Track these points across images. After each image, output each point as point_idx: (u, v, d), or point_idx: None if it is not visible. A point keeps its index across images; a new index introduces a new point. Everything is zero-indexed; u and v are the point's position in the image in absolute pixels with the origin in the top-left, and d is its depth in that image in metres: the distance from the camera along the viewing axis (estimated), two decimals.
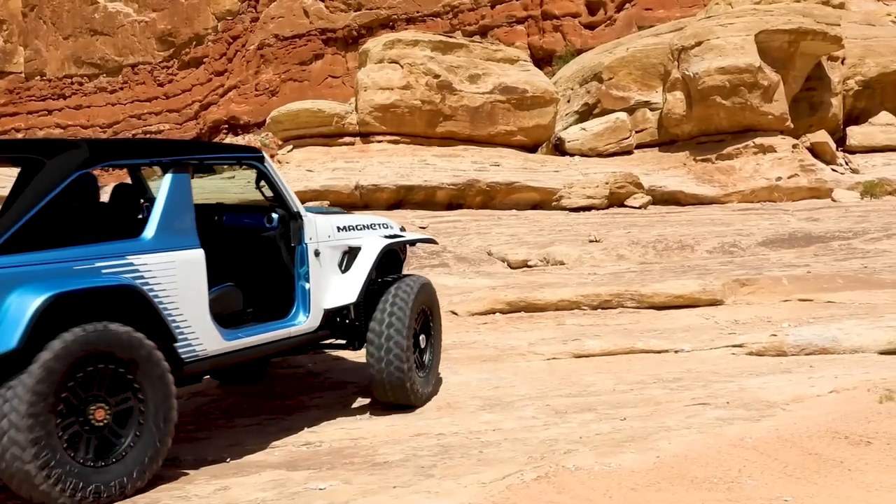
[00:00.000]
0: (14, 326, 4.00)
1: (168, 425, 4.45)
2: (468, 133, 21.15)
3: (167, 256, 4.67)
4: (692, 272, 9.20)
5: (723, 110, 19.53)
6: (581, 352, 6.19)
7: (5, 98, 49.24)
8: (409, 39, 21.10)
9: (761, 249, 10.77)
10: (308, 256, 5.46)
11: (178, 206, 4.82)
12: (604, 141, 21.05)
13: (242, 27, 45.77)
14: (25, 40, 49.43)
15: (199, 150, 5.22)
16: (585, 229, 13.85)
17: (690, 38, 19.89)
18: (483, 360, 6.18)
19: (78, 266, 4.29)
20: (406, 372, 5.57)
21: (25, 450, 4.00)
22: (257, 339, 5.11)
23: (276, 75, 43.94)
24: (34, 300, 4.04)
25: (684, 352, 6.12)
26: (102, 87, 47.99)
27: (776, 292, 7.31)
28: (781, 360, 5.94)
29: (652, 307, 7.23)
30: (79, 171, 4.55)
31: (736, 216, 14.70)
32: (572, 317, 7.13)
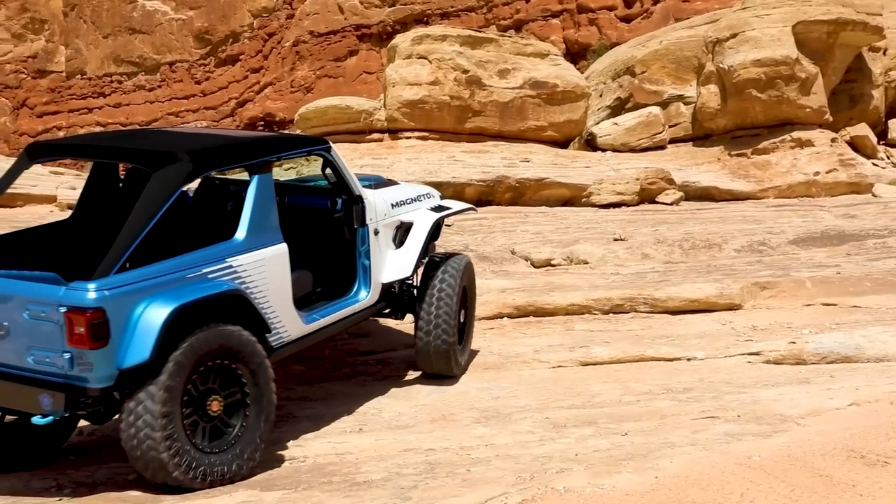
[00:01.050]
0: (146, 340, 4.37)
1: (269, 414, 4.85)
2: (497, 129, 20.85)
3: (258, 255, 5.03)
4: (717, 272, 8.85)
5: (759, 104, 19.01)
6: (588, 359, 5.92)
7: (47, 97, 49.84)
8: (438, 34, 20.84)
9: (791, 248, 10.36)
10: (369, 236, 5.85)
11: (265, 205, 5.14)
12: (636, 136, 20.63)
13: (278, 24, 45.85)
14: (66, 40, 49.98)
15: (279, 149, 5.55)
16: (613, 227, 13.51)
17: (725, 30, 19.40)
18: (485, 368, 5.94)
19: (189, 274, 4.67)
20: (451, 345, 6.05)
21: (159, 440, 4.38)
22: (329, 319, 5.55)
23: (311, 72, 43.97)
24: (161, 314, 4.40)
25: (697, 360, 5.82)
26: (141, 85, 48.36)
27: (798, 296, 6.95)
28: (800, 369, 5.61)
29: (666, 312, 6.92)
30: (184, 184, 4.88)
31: (769, 213, 14.26)
32: (582, 322, 6.84)
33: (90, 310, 4.28)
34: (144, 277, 4.52)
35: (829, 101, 19.38)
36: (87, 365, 4.35)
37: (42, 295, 4.41)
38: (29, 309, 4.42)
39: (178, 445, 4.46)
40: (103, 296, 4.32)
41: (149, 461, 4.44)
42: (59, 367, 4.38)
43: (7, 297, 4.50)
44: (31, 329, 4.43)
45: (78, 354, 4.33)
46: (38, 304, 4.39)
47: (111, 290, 4.36)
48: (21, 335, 4.47)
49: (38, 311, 4.39)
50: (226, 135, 6.79)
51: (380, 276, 5.94)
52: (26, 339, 4.46)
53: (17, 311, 4.44)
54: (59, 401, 4.40)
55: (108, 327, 4.33)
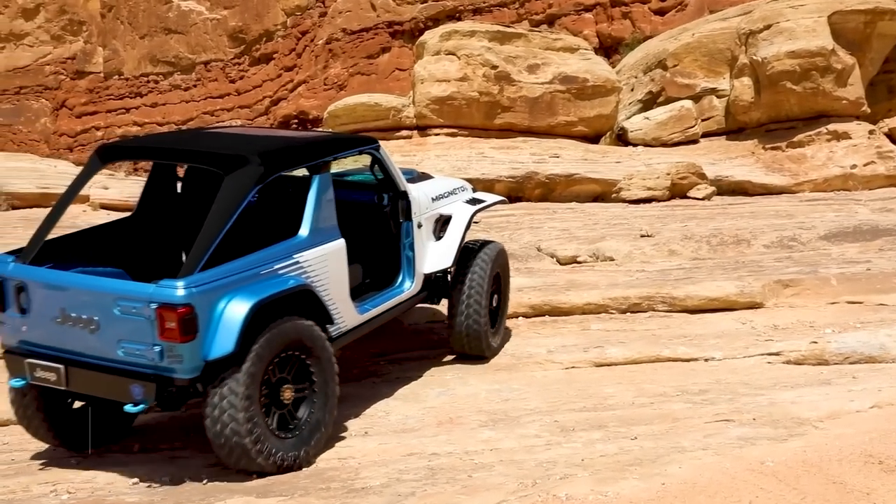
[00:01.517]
0: (230, 334, 4.70)
1: (332, 404, 5.14)
2: (527, 124, 20.66)
3: (321, 250, 5.38)
4: (743, 269, 8.64)
5: (793, 96, 18.65)
6: (603, 360, 5.78)
7: (86, 97, 50.39)
8: (466, 30, 20.71)
9: (822, 244, 10.10)
10: (413, 229, 6.22)
11: (324, 204, 5.47)
12: (668, 130, 20.35)
13: (311, 22, 45.94)
14: (104, 41, 50.50)
15: (336, 149, 5.89)
16: (641, 223, 13.32)
17: (759, 22, 19.06)
18: (497, 369, 5.84)
19: (263, 270, 5.02)
20: (482, 326, 6.44)
21: (243, 426, 4.68)
22: (379, 309, 5.92)
23: (343, 69, 44.01)
24: (242, 309, 4.73)
25: (715, 360, 5.65)
26: (177, 84, 48.72)
27: (823, 294, 6.72)
28: (822, 369, 5.41)
29: (685, 311, 6.73)
30: (256, 186, 5.18)
31: (803, 207, 13.97)
32: (598, 321, 6.68)
33: (180, 306, 4.62)
34: (225, 275, 4.85)
35: (867, 93, 18.95)
36: (177, 357, 4.69)
37: (133, 292, 4.81)
38: (120, 305, 4.79)
39: (258, 430, 4.75)
40: (191, 293, 4.65)
41: (232, 446, 4.72)
42: (150, 359, 4.74)
43: (99, 294, 4.88)
44: (122, 324, 4.79)
45: (168, 347, 4.68)
46: (130, 300, 4.76)
47: (198, 287, 4.70)
48: (111, 329, 4.82)
49: (130, 307, 4.76)
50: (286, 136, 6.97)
51: (422, 267, 6.31)
52: (117, 333, 4.81)
53: (108, 307, 4.79)
54: (150, 391, 4.77)
55: (196, 322, 4.67)
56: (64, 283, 5.09)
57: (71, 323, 4.93)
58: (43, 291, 5.07)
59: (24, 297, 5.10)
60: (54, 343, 5.03)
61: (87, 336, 4.89)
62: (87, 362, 4.94)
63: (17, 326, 5.15)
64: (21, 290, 5.10)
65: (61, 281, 5.12)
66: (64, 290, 5.03)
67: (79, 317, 4.91)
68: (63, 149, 48.78)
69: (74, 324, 4.92)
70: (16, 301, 5.11)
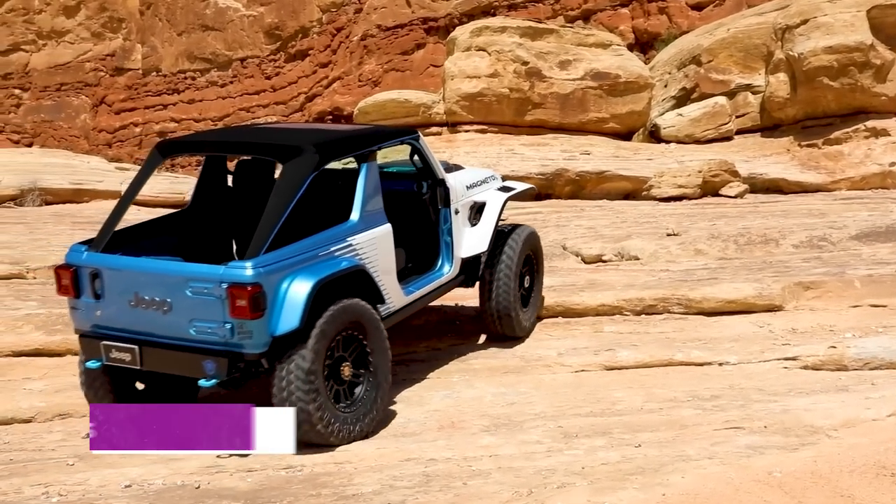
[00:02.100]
0: (295, 310, 4.98)
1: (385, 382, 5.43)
2: (558, 121, 20.46)
3: (371, 234, 5.67)
4: (769, 270, 8.41)
5: (830, 92, 18.26)
6: (613, 364, 5.59)
7: (124, 94, 50.93)
8: (497, 26, 20.55)
9: (853, 244, 9.82)
10: (451, 216, 6.48)
11: (372, 190, 5.76)
12: (701, 127, 20.04)
13: (346, 18, 46.02)
14: (143, 38, 51.00)
15: (381, 139, 6.20)
16: (670, 221, 13.08)
17: (795, 17, 18.67)
18: (505, 371, 5.67)
19: (321, 252, 5.30)
20: (512, 307, 6.67)
21: (308, 398, 4.97)
22: (422, 291, 6.18)
23: (378, 66, 44.03)
24: (305, 287, 5.02)
25: (729, 365, 5.44)
26: (214, 81, 49.09)
27: (845, 297, 6.46)
28: (840, 375, 5.19)
29: (701, 313, 6.50)
30: (312, 174, 5.44)
31: (837, 205, 13.64)
32: (612, 324, 6.48)
33: (250, 285, 4.90)
34: (287, 256, 5.14)
35: None
36: (247, 333, 4.96)
37: (205, 274, 5.07)
38: (192, 287, 5.06)
39: (322, 402, 5.02)
40: (259, 272, 4.93)
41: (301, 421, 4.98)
42: (221, 336, 5.00)
43: (172, 277, 5.18)
44: (194, 304, 5.06)
45: (238, 324, 4.95)
46: (201, 282, 5.02)
47: (265, 267, 4.98)
48: (184, 310, 5.09)
49: (201, 288, 5.02)
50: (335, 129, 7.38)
51: (460, 252, 6.57)
52: (189, 313, 5.08)
53: (181, 289, 5.07)
54: (223, 366, 5.03)
55: (264, 300, 4.95)
56: (138, 268, 5.38)
57: (144, 305, 5.22)
58: (117, 277, 5.34)
59: (99, 284, 5.36)
60: (128, 325, 5.31)
61: (159, 317, 5.18)
62: (160, 342, 5.23)
63: (92, 311, 5.41)
64: (95, 276, 5.37)
65: (136, 266, 5.40)
66: (138, 275, 5.32)
67: (152, 299, 5.19)
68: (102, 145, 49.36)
69: (148, 306, 5.20)
70: (90, 287, 5.36)
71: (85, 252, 5.49)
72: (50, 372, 6.61)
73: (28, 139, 51.72)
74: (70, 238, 12.60)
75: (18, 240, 12.46)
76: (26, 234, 13.30)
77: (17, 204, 18.04)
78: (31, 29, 52.02)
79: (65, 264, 5.53)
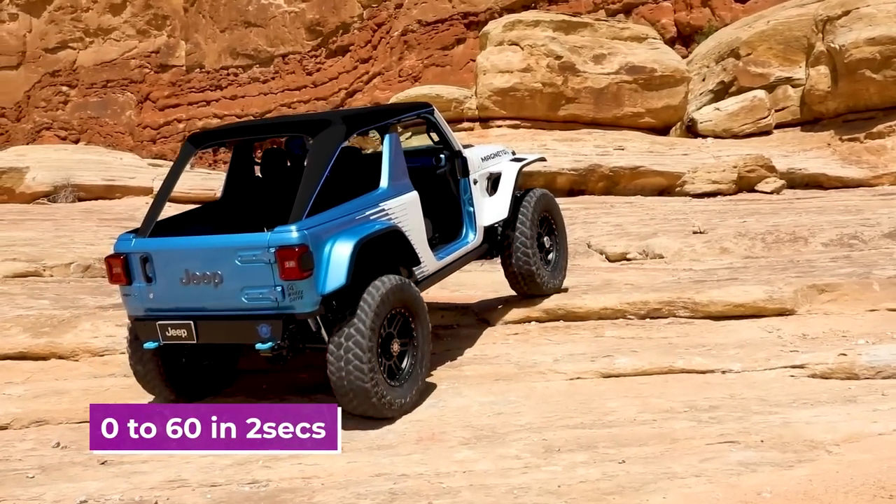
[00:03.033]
0: (340, 268, 5.22)
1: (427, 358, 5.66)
2: (592, 116, 20.14)
3: (400, 200, 5.91)
4: (793, 269, 8.08)
5: (873, 85, 17.72)
6: (610, 371, 5.27)
7: (168, 90, 51.43)
8: (530, 20, 20.29)
9: (885, 242, 9.41)
10: (470, 186, 6.66)
11: (397, 159, 6.02)
12: (739, 121, 19.59)
13: (387, 14, 45.99)
14: (187, 34, 51.45)
15: (398, 112, 6.46)
16: (701, 218, 12.76)
17: (837, 8, 18.15)
18: (497, 378, 5.38)
19: (357, 216, 5.53)
20: (533, 266, 6.89)
21: (364, 372, 5.17)
22: (451, 257, 6.42)
23: (418, 61, 43.93)
24: (348, 246, 5.26)
25: (732, 373, 5.08)
26: (256, 77, 49.38)
27: (863, 300, 6.08)
28: (850, 384, 4.85)
29: (708, 317, 6.14)
30: (341, 143, 5.75)
31: (875, 202, 13.19)
32: (614, 328, 6.15)
33: (297, 246, 5.10)
34: (328, 220, 5.37)
35: None
36: (297, 294, 5.16)
37: (252, 242, 5.24)
38: (240, 256, 5.24)
39: (376, 377, 5.23)
40: (304, 234, 5.15)
41: (355, 390, 5.18)
42: (273, 299, 5.20)
43: (220, 249, 5.36)
44: (244, 273, 5.24)
45: (289, 286, 5.16)
46: (249, 250, 5.21)
47: (308, 229, 5.20)
48: (234, 280, 5.27)
49: (250, 256, 5.21)
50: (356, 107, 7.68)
51: (482, 220, 6.79)
52: (239, 282, 5.26)
53: (230, 260, 5.26)
54: (277, 328, 5.21)
55: (312, 259, 5.15)
56: (188, 246, 5.60)
57: (196, 281, 5.41)
58: (168, 257, 5.54)
59: (149, 267, 5.55)
60: (181, 303, 5.50)
61: (211, 291, 5.35)
62: (213, 315, 5.43)
63: (145, 295, 5.59)
64: (146, 261, 5.56)
65: (185, 244, 5.63)
66: (187, 252, 5.53)
67: (203, 274, 5.37)
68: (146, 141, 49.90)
69: (199, 281, 5.40)
70: (142, 271, 5.56)
71: (133, 239, 5.68)
72: (33, 376, 6.52)
73: (75, 136, 52.49)
74: (94, 236, 12.62)
75: (43, 237, 12.48)
76: (52, 230, 13.33)
77: (50, 200, 18.17)
78: (79, 27, 52.76)
79: (114, 254, 5.69)
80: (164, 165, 22.42)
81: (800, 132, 19.17)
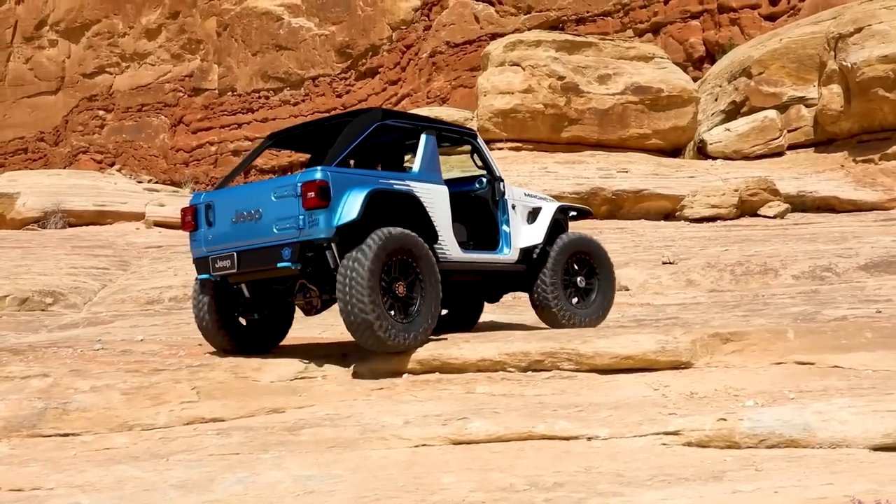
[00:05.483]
0: (354, 206, 6.20)
1: (437, 300, 6.50)
2: (596, 137, 19.54)
3: (427, 185, 6.76)
4: (744, 307, 7.42)
5: (887, 104, 16.91)
6: (461, 437, 4.47)
7: (201, 114, 51.78)
8: (532, 40, 19.79)
9: (859, 275, 8.67)
10: (507, 208, 7.47)
11: (431, 155, 6.92)
12: (750, 142, 18.85)
13: (416, 36, 45.84)
14: (219, 58, 51.81)
15: (440, 124, 7.56)
16: (688, 244, 12.10)
17: (849, 25, 17.38)
18: (333, 445, 4.58)
19: (381, 180, 6.53)
20: (551, 300, 7.43)
21: (367, 308, 6.02)
22: (479, 258, 7.24)
23: (447, 82, 43.65)
24: (363, 192, 6.25)
25: (598, 440, 4.30)
26: (286, 99, 49.54)
27: (771, 351, 5.30)
28: (727, 455, 4.12)
29: (594, 370, 5.38)
30: (374, 124, 6.74)
31: (875, 227, 12.44)
32: (488, 382, 5.35)
33: (318, 181, 6.15)
34: (353, 173, 6.50)
35: None
36: (315, 221, 6.19)
37: (287, 180, 6.46)
38: (275, 192, 6.40)
39: (379, 311, 6.04)
40: (326, 174, 6.20)
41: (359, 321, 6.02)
42: (296, 227, 6.23)
43: (262, 189, 6.61)
44: (277, 206, 6.36)
45: (308, 215, 6.21)
46: (283, 187, 6.39)
47: (331, 172, 6.24)
48: (270, 214, 6.40)
49: (283, 192, 6.35)
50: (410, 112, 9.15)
51: (518, 241, 7.51)
52: (273, 215, 6.38)
53: (268, 196, 6.44)
54: (296, 251, 6.23)
55: (329, 193, 6.15)
56: (240, 190, 7.11)
57: (242, 219, 6.59)
58: (225, 201, 6.82)
59: (211, 214, 6.86)
60: (230, 241, 6.66)
61: (252, 226, 6.52)
62: (250, 248, 6.51)
63: (206, 237, 6.85)
64: (209, 208, 6.87)
65: (238, 189, 7.18)
66: (239, 195, 6.86)
67: (248, 212, 6.55)
68: (179, 164, 50.28)
69: (245, 219, 6.58)
70: (205, 218, 6.87)
71: (203, 194, 7.15)
72: None
73: (110, 159, 53.09)
74: (55, 265, 12.32)
75: (3, 266, 12.19)
76: (17, 259, 13.05)
77: (40, 226, 18.01)
78: (115, 52, 53.47)
79: (188, 206, 7.09)
80: (162, 190, 22.22)
81: (813, 153, 18.37)
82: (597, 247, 8.02)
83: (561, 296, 7.46)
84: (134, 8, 51.59)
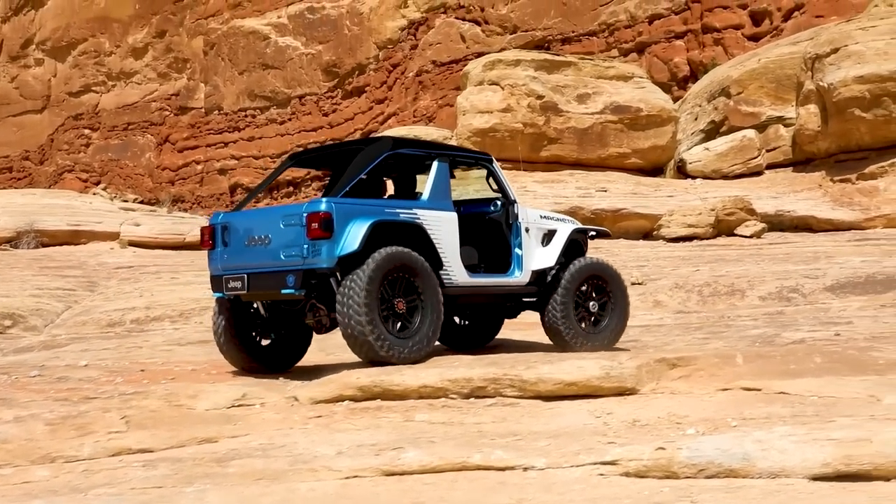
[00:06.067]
0: (356, 238, 6.42)
1: (438, 319, 6.71)
2: (576, 157, 19.51)
3: (436, 213, 6.90)
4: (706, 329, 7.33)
5: (863, 124, 16.90)
6: (394, 468, 4.30)
7: (188, 132, 51.72)
8: (511, 59, 19.78)
9: (825, 296, 8.59)
10: (521, 231, 7.51)
11: (442, 182, 7.03)
12: (728, 162, 18.83)
13: (402, 55, 45.90)
14: (206, 77, 51.78)
15: (453, 150, 7.72)
16: (661, 264, 12.01)
17: (825, 45, 17.40)
18: (260, 477, 4.41)
19: (387, 210, 6.71)
20: (560, 324, 7.47)
21: (365, 325, 6.30)
22: (488, 281, 7.35)
23: (433, 101, 43.70)
24: (366, 223, 6.46)
25: (534, 470, 4.16)
26: (273, 118, 49.51)
27: (719, 376, 5.19)
28: (665, 486, 4.00)
29: (537, 397, 5.25)
30: (385, 152, 6.96)
31: (848, 248, 12.37)
32: (429, 410, 5.19)
33: (322, 212, 6.39)
34: (358, 203, 6.65)
35: None
36: (318, 251, 6.41)
37: (293, 210, 6.71)
38: (283, 220, 6.67)
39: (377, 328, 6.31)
40: (330, 206, 6.43)
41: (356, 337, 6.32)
42: (301, 255, 6.47)
43: (272, 215, 6.93)
44: (285, 233, 6.62)
45: (312, 244, 6.42)
46: (290, 216, 6.62)
47: (336, 203, 6.46)
48: (278, 240, 6.68)
49: (290, 220, 6.60)
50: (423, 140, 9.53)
51: (530, 264, 7.54)
52: (281, 242, 6.65)
53: (277, 223, 6.72)
54: (300, 278, 6.50)
55: (332, 225, 6.39)
56: (253, 214, 7.51)
57: (253, 243, 6.87)
58: (239, 223, 7.09)
59: (227, 235, 7.12)
60: (241, 263, 6.94)
61: (262, 250, 6.79)
62: (260, 271, 6.79)
63: (222, 257, 7.13)
64: (225, 229, 7.13)
65: (251, 213, 7.55)
66: (252, 219, 7.18)
67: (258, 237, 6.84)
68: (165, 182, 50.12)
69: (256, 243, 6.85)
70: (222, 238, 7.14)
71: (221, 215, 7.38)
72: None
73: (96, 178, 52.94)
74: (19, 287, 12.15)
75: None
76: None
77: (12, 246, 17.82)
78: (102, 71, 53.39)
79: (207, 226, 7.38)
80: (139, 209, 22.06)
81: (791, 173, 18.37)
82: (612, 273, 7.99)
83: (571, 319, 7.50)
84: (121, 27, 51.53)
